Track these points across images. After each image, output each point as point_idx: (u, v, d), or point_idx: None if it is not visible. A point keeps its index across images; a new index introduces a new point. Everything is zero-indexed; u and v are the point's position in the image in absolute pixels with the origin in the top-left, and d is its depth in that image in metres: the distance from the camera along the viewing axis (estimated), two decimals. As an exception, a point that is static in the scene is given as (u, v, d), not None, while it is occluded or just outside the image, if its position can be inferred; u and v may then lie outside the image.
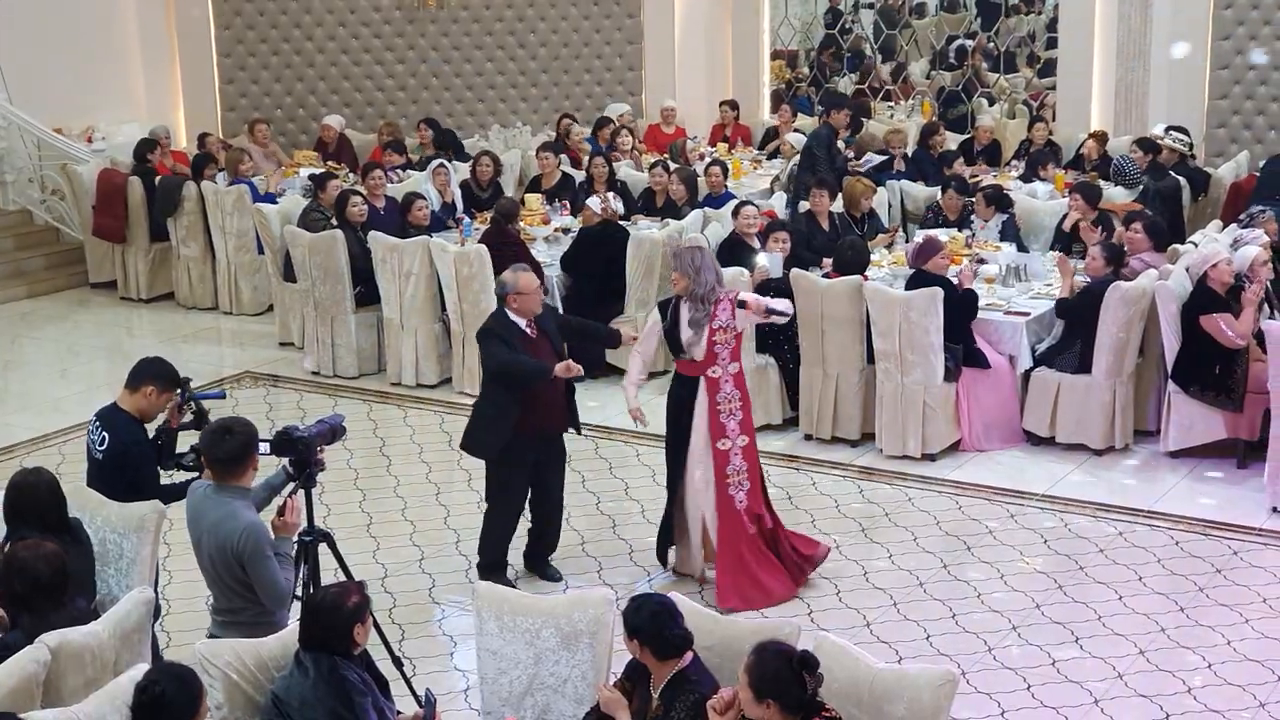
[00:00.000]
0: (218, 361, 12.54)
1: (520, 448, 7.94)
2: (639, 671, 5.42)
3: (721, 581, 7.91)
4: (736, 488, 7.93)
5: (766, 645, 4.99)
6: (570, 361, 7.88)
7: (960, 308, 9.66)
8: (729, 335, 7.87)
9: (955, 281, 9.80)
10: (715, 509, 7.93)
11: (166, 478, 6.87)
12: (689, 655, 5.30)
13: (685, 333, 7.86)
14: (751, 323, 8.37)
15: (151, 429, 6.90)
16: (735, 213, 11.17)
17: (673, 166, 13.49)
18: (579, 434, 8.42)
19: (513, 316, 7.89)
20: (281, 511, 6.13)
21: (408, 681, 6.57)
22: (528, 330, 7.91)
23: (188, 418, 6.96)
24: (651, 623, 5.30)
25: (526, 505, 8.24)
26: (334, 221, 11.92)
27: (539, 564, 8.32)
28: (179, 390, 6.88)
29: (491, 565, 8.09)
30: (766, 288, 9.93)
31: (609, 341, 9.11)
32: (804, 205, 12.11)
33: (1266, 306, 9.63)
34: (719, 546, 7.97)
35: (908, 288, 9.73)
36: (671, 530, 8.22)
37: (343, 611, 5.20)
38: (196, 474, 6.57)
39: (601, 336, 9.04)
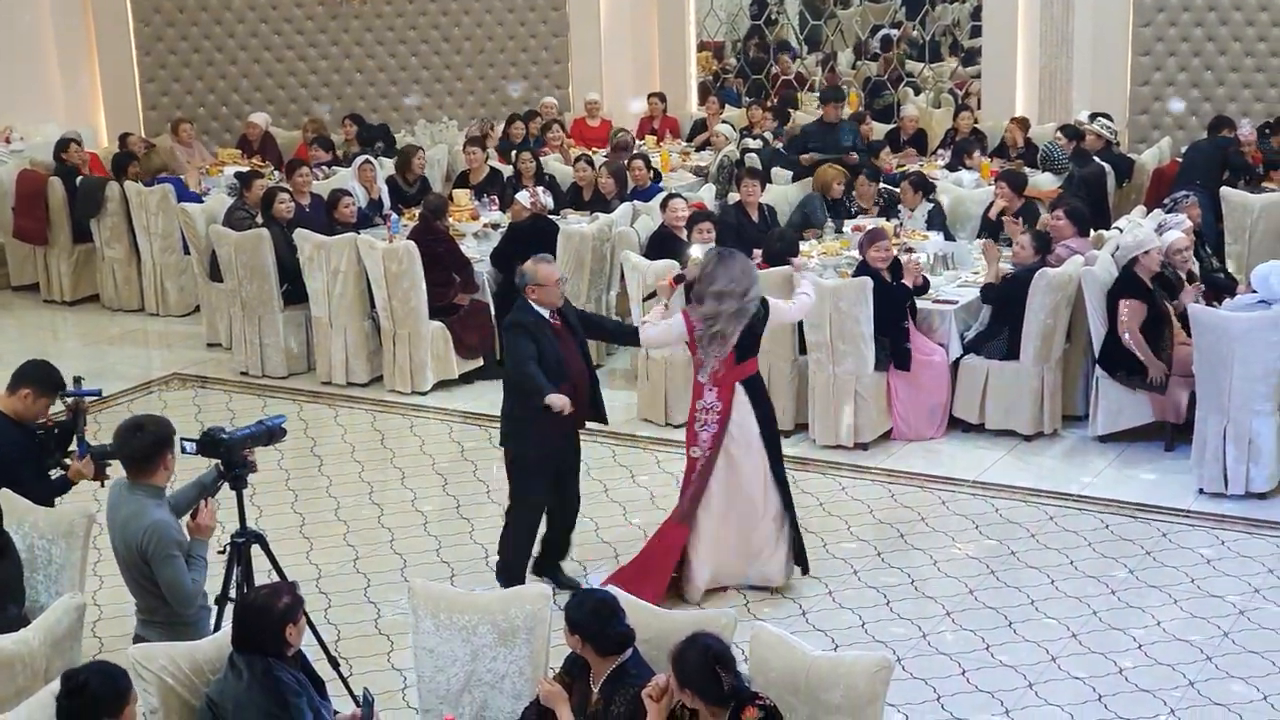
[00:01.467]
0: (145, 364, 12.37)
1: (543, 449, 7.68)
2: (578, 665, 5.41)
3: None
4: None
5: (696, 636, 5.03)
6: (565, 399, 7.47)
7: (890, 303, 9.67)
8: None
9: (891, 277, 9.82)
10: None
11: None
12: (629, 649, 5.31)
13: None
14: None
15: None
16: (664, 206, 11.17)
17: (599, 161, 13.46)
18: (605, 424, 8.19)
19: (536, 307, 7.68)
20: (195, 514, 6.07)
21: (345, 681, 6.53)
22: (553, 320, 7.69)
23: (63, 415, 7.01)
24: (593, 619, 5.31)
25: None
26: (260, 220, 11.81)
27: (553, 569, 7.99)
28: (61, 394, 6.91)
29: (511, 570, 7.74)
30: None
31: (628, 339, 8.63)
32: (734, 197, 12.13)
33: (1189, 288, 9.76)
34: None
35: (855, 276, 9.78)
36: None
37: (273, 613, 5.16)
38: (64, 471, 6.83)
39: (617, 334, 8.80)
